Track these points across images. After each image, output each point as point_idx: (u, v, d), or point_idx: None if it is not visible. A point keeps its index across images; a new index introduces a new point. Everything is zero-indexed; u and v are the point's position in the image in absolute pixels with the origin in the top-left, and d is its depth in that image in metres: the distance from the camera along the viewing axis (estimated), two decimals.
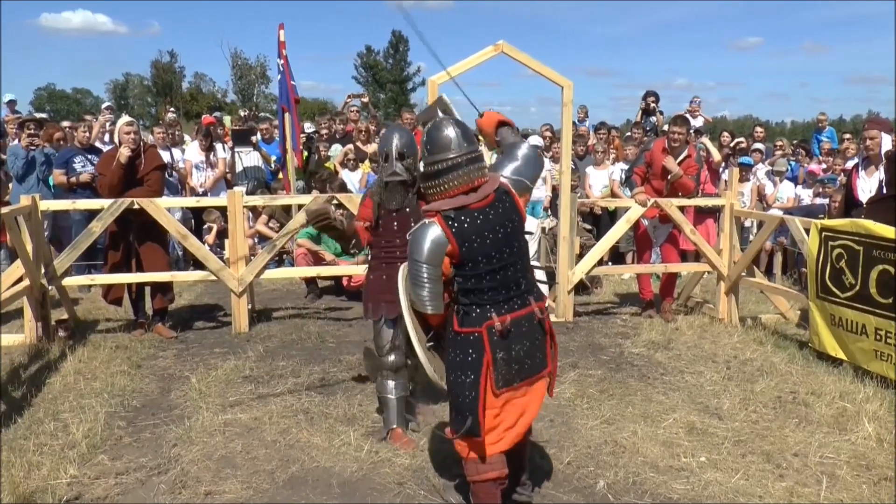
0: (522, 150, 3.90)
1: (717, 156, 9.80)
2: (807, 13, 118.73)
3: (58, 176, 8.92)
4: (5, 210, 6.62)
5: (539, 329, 3.65)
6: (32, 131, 9.04)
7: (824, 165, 10.81)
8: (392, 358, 4.72)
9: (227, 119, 15.35)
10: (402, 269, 3.72)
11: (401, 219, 4.60)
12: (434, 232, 3.46)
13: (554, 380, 3.83)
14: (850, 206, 6.87)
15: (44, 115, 11.46)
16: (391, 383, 4.72)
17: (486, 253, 3.50)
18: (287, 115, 10.17)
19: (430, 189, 3.62)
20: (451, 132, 3.58)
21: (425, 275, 3.49)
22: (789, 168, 11.13)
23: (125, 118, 7.23)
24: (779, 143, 12.42)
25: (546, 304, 3.77)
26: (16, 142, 9.64)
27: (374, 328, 4.77)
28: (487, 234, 3.50)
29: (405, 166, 4.55)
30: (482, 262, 3.50)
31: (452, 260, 3.50)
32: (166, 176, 8.48)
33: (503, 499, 3.70)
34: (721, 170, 9.74)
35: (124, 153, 6.80)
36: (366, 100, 14.73)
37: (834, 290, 6.21)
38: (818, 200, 9.96)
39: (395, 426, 4.70)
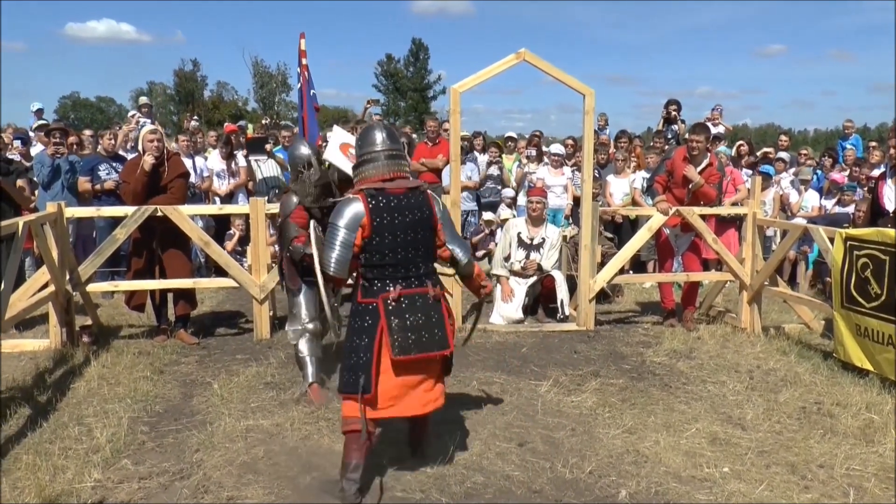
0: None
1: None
2: (831, 21, 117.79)
3: (83, 183, 9.01)
4: (32, 217, 6.70)
5: (435, 308, 4.14)
6: (58, 139, 9.16)
7: (847, 173, 10.69)
8: (313, 326, 5.63)
9: (250, 127, 15.45)
10: (314, 231, 4.37)
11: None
12: (356, 205, 4.04)
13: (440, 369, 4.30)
14: (877, 214, 6.82)
15: (61, 124, 11.56)
16: (308, 345, 5.62)
17: (392, 231, 4.05)
18: (306, 122, 10.23)
19: (357, 175, 4.27)
20: (377, 132, 4.29)
21: (339, 238, 4.02)
22: (815, 177, 11.04)
23: (148, 126, 7.30)
24: (804, 151, 12.32)
25: (443, 293, 4.29)
26: (42, 149, 9.76)
27: (292, 299, 5.69)
28: (397, 215, 4.07)
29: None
30: (388, 238, 4.04)
31: (364, 232, 4.01)
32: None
33: None
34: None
35: (148, 161, 6.87)
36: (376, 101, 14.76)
37: (859, 299, 6.15)
38: (837, 209, 9.87)
39: (312, 381, 5.54)
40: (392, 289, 4.04)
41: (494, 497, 4.10)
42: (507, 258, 8.38)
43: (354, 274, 4.19)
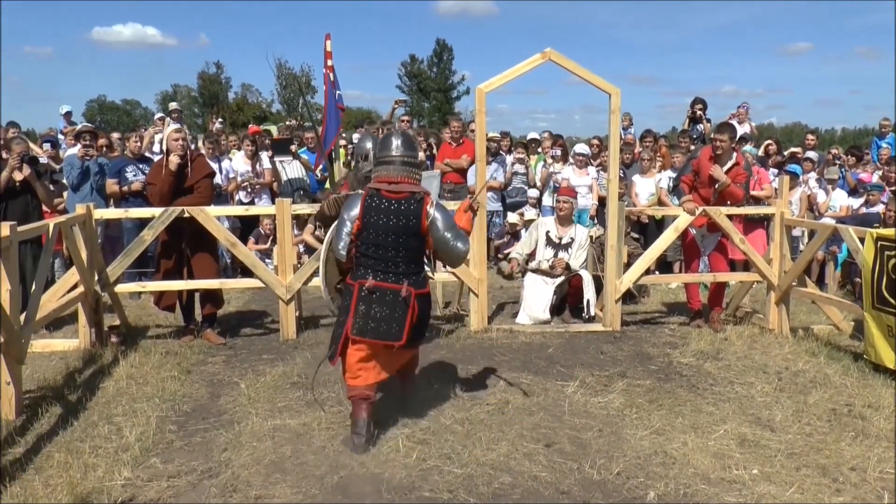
0: (465, 249, 4.94)
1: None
2: (860, 18, 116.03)
3: (110, 185, 9.11)
4: (62, 219, 6.78)
5: (402, 305, 4.67)
6: (87, 142, 9.27)
7: (880, 173, 10.55)
8: None
9: (273, 129, 15.53)
10: (332, 229, 5.08)
11: None
12: (358, 200, 4.76)
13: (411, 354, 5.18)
14: None
15: (90, 126, 11.71)
16: None
17: (377, 229, 4.68)
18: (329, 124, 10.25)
19: (373, 174, 4.93)
20: (394, 138, 4.87)
21: (346, 228, 4.78)
22: (840, 176, 10.92)
23: (173, 125, 7.37)
24: (833, 151, 12.18)
25: (422, 292, 4.81)
26: (71, 151, 9.88)
27: None
28: (385, 217, 4.67)
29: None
30: (372, 235, 4.69)
31: (358, 224, 4.71)
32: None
33: None
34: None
35: (174, 161, 6.93)
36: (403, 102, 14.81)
37: (891, 300, 6.07)
38: (864, 209, 9.74)
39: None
40: (370, 278, 4.68)
41: (522, 498, 4.09)
42: (531, 255, 8.36)
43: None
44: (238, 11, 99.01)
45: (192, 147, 7.54)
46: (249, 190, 10.70)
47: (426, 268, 4.96)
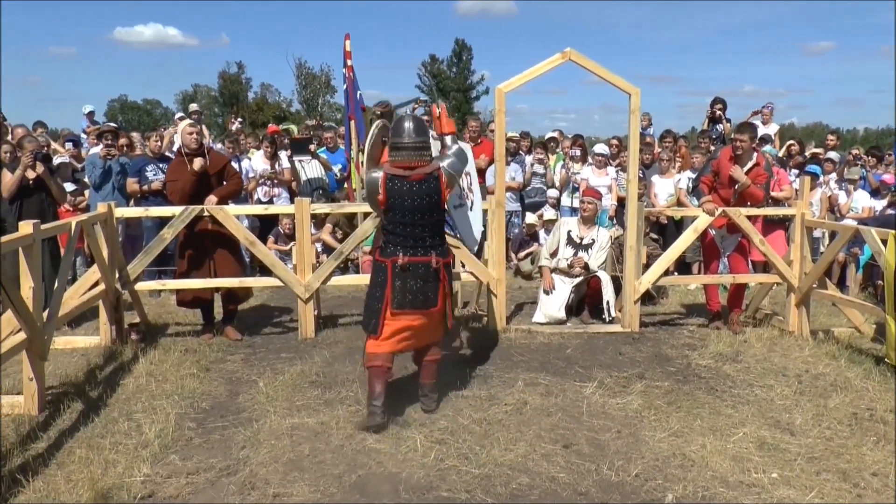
0: (454, 149, 5.49)
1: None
2: (884, 16, 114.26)
3: (131, 184, 9.18)
4: (83, 217, 6.85)
5: (434, 275, 5.12)
6: (109, 141, 9.35)
7: None
8: None
9: (293, 128, 15.59)
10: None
11: None
12: (376, 175, 5.14)
13: (449, 317, 5.40)
14: None
15: (114, 125, 11.82)
16: None
17: (403, 209, 5.07)
18: (353, 123, 10.28)
19: (389, 158, 5.24)
20: (407, 124, 5.21)
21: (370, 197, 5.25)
22: (862, 176, 10.80)
23: (186, 120, 7.44)
24: (854, 151, 12.06)
25: (448, 261, 5.31)
26: (94, 150, 9.96)
27: None
28: (410, 198, 5.05)
29: None
30: (398, 214, 5.08)
31: (382, 204, 5.11)
32: None
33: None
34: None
35: (199, 163, 7.00)
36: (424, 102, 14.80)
37: None
38: (890, 210, 9.64)
39: None
40: (400, 254, 5.05)
41: (540, 498, 4.08)
42: (553, 254, 8.35)
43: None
44: (258, 11, 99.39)
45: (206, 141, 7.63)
46: (270, 185, 10.75)
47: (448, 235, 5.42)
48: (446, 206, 5.51)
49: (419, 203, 5.07)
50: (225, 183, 7.33)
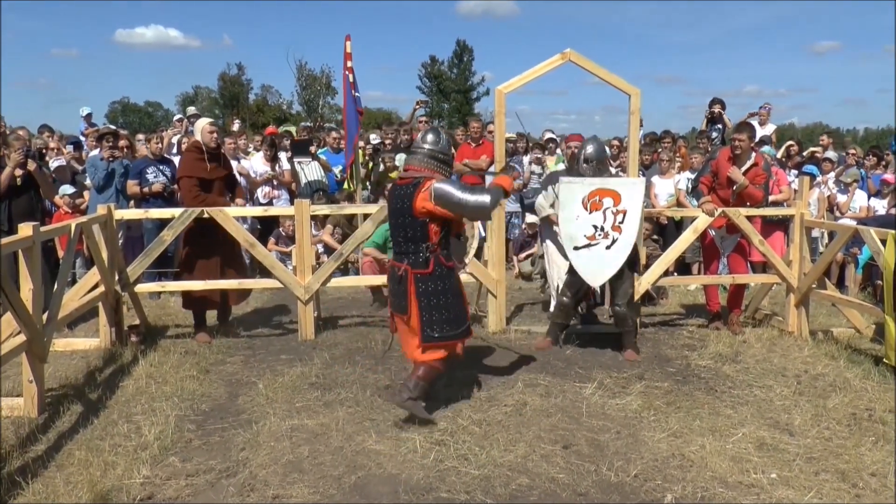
0: (474, 200, 5.17)
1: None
2: (889, 15, 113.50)
3: (131, 186, 9.19)
4: (83, 219, 6.86)
5: (402, 281, 5.18)
6: (111, 143, 9.34)
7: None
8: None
9: (293, 130, 15.60)
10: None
11: None
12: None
13: (416, 331, 5.20)
14: None
15: (114, 127, 11.85)
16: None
17: (389, 214, 5.39)
18: (346, 124, 10.30)
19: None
20: (431, 134, 5.45)
21: None
22: (861, 177, 10.80)
23: (206, 118, 7.49)
24: (851, 151, 12.06)
25: (422, 272, 5.14)
26: (95, 152, 9.97)
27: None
28: (392, 202, 5.33)
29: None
30: (390, 219, 5.39)
31: None
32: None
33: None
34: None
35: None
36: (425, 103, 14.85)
37: None
38: (893, 210, 9.65)
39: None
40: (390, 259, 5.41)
41: (539, 499, 4.09)
42: (552, 206, 8.24)
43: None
44: (261, 12, 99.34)
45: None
46: (270, 187, 10.76)
47: (441, 252, 5.21)
48: (561, 244, 5.96)
49: (394, 207, 5.27)
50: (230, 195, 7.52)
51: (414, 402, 5.07)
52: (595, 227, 6.41)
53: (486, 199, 5.16)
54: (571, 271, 6.91)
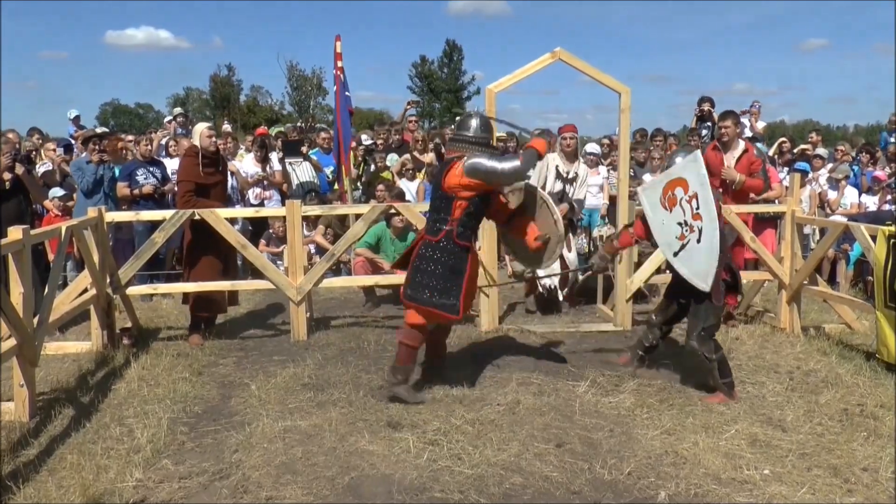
0: (507, 165, 5.30)
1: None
2: (878, 13, 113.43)
3: (121, 189, 9.15)
4: (74, 222, 6.83)
5: (414, 246, 5.64)
6: (98, 147, 9.26)
7: (888, 170, 10.46)
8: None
9: (283, 129, 15.56)
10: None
11: None
12: None
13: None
14: None
15: (104, 129, 11.81)
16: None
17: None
18: (340, 125, 10.28)
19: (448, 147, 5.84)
20: (474, 120, 5.61)
21: None
22: (852, 173, 10.84)
23: (204, 123, 7.48)
24: (840, 147, 12.11)
25: (425, 237, 5.52)
26: (82, 156, 9.91)
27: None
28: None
29: None
30: None
31: None
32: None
33: None
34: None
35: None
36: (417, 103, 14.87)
37: None
38: (885, 206, 9.68)
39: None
40: None
41: (533, 498, 4.09)
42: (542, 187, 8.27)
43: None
44: (251, 13, 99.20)
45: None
46: (263, 186, 10.73)
47: (458, 228, 5.40)
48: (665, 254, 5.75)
49: (432, 184, 5.82)
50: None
51: (397, 386, 5.45)
52: (680, 224, 5.74)
53: (516, 163, 5.29)
54: (667, 292, 6.42)
